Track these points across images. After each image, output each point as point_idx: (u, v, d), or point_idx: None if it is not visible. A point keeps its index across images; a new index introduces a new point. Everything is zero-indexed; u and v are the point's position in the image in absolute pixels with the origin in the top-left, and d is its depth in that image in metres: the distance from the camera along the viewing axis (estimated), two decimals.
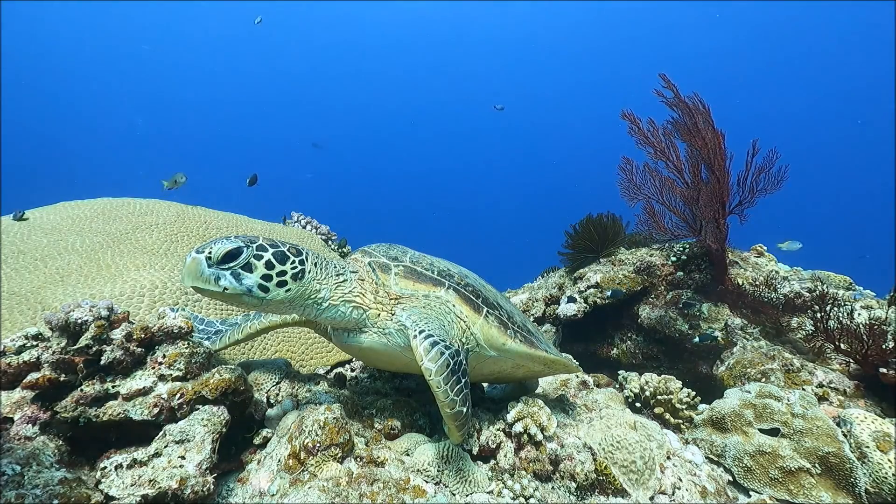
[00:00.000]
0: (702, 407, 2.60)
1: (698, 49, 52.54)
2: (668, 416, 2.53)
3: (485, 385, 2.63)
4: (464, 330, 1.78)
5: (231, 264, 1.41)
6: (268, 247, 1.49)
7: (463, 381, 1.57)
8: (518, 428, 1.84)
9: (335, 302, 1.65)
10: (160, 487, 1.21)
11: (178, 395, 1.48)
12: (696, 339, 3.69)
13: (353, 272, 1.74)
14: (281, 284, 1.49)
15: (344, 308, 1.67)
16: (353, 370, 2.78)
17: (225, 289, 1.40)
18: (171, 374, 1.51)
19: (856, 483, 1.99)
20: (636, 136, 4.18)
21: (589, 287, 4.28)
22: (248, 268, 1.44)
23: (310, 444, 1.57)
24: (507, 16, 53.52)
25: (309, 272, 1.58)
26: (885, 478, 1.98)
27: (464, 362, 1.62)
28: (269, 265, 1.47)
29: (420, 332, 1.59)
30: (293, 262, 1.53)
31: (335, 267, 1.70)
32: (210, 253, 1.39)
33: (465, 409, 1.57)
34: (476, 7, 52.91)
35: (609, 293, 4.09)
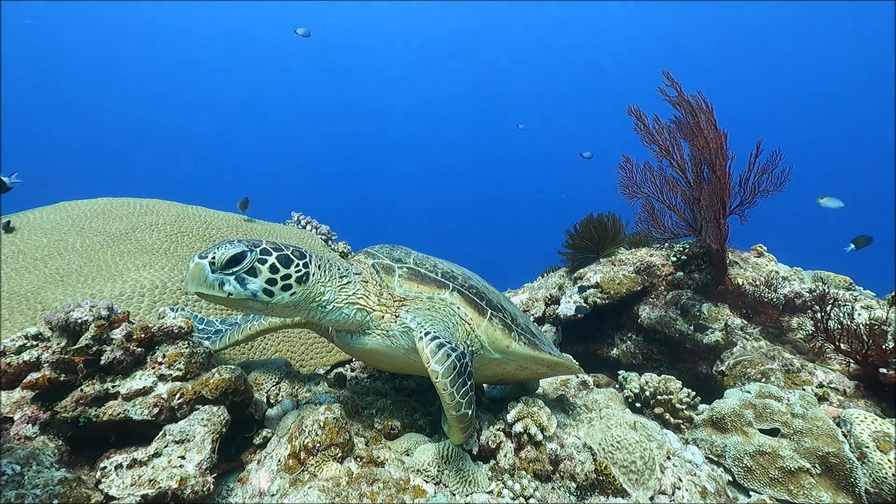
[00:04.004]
0: (702, 407, 2.60)
1: (699, 50, 52.55)
2: (668, 416, 2.54)
3: (485, 385, 2.63)
4: (468, 332, 1.78)
5: (235, 269, 1.40)
6: (271, 250, 1.48)
7: (469, 383, 1.56)
8: (518, 428, 1.84)
9: (339, 304, 1.64)
10: (160, 487, 1.21)
11: (178, 395, 1.48)
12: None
13: (357, 274, 1.74)
14: (286, 288, 1.48)
15: (348, 310, 1.66)
16: (353, 370, 2.78)
17: (230, 294, 1.39)
18: (171, 374, 1.51)
19: (856, 483, 1.99)
20: (641, 133, 4.16)
21: (589, 287, 4.28)
22: (252, 272, 1.43)
23: (310, 444, 1.57)
24: (507, 15, 53.50)
25: (313, 275, 1.57)
26: (885, 478, 1.98)
27: (469, 364, 1.62)
28: (273, 269, 1.46)
29: (426, 335, 1.59)
30: (297, 265, 1.52)
31: (339, 269, 1.70)
32: (214, 258, 1.37)
33: (469, 412, 1.57)
34: (476, 7, 52.91)
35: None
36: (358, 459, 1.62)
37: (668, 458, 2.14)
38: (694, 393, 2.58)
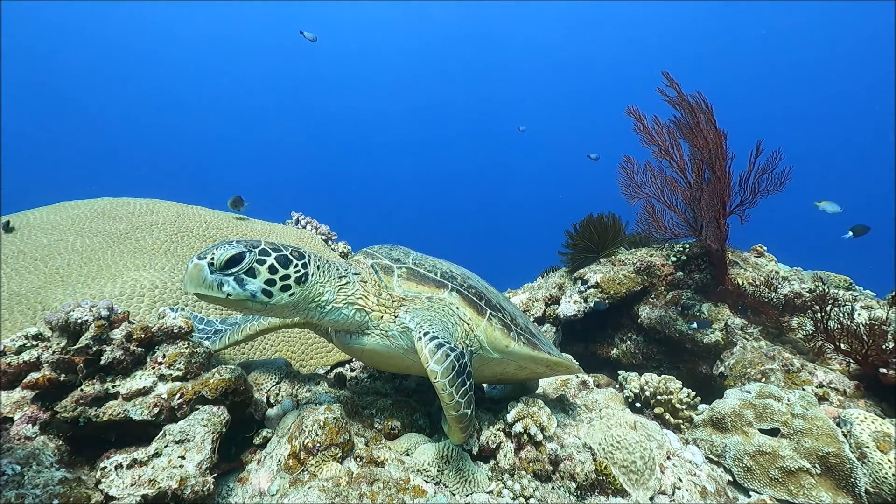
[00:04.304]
0: (702, 407, 2.60)
1: (699, 50, 52.54)
2: (668, 416, 2.53)
3: (485, 385, 2.63)
4: (467, 332, 1.77)
5: (234, 270, 1.40)
6: (270, 251, 1.48)
7: (468, 383, 1.56)
8: (518, 428, 1.84)
9: (338, 304, 1.64)
10: (160, 487, 1.21)
11: (178, 395, 1.48)
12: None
13: (356, 274, 1.74)
14: (285, 289, 1.48)
15: (347, 310, 1.66)
16: (353, 370, 2.78)
17: (228, 295, 1.39)
18: (171, 374, 1.51)
19: (856, 483, 1.99)
20: (640, 134, 4.17)
21: (589, 287, 4.28)
22: (251, 273, 1.43)
23: (310, 444, 1.57)
24: (506, 16, 53.51)
25: (312, 275, 1.57)
26: (885, 478, 1.98)
27: (468, 364, 1.62)
28: (272, 269, 1.46)
29: (425, 335, 1.59)
30: (296, 265, 1.52)
31: (337, 269, 1.69)
32: (212, 259, 1.37)
33: (469, 412, 1.57)
34: (476, 8, 52.91)
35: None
36: (358, 459, 1.62)
37: (668, 458, 2.14)
38: (694, 393, 2.58)
